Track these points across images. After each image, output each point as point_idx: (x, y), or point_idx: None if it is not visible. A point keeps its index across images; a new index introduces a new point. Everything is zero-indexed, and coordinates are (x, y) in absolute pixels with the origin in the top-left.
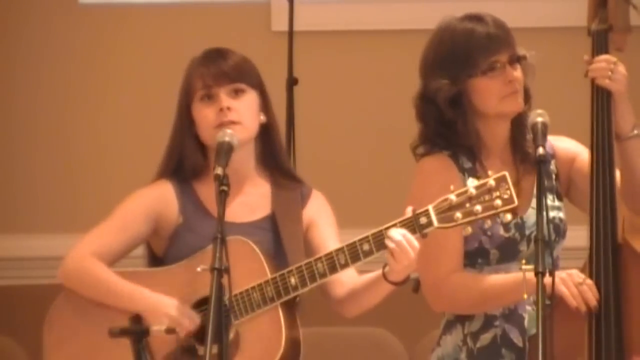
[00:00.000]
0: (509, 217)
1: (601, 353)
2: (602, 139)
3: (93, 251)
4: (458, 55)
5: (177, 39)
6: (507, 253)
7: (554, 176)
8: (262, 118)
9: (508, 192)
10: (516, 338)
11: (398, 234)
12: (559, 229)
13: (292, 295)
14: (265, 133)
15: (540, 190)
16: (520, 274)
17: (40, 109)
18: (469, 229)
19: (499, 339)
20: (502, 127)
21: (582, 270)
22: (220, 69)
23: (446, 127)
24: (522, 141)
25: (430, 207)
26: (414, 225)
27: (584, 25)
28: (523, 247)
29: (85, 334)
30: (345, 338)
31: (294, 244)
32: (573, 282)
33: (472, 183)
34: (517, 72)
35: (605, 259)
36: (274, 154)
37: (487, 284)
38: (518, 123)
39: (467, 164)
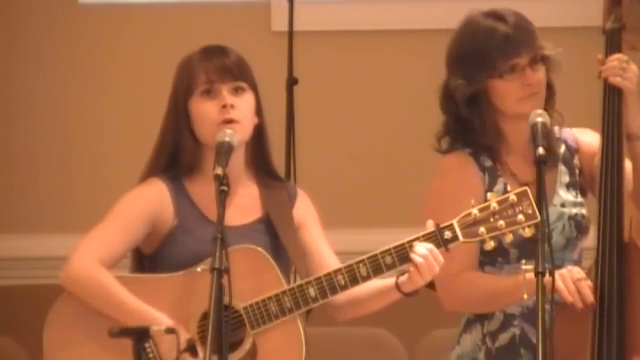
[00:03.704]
0: (528, 233)
1: (603, 352)
2: (612, 137)
3: (97, 257)
4: (476, 55)
5: (177, 39)
6: (527, 252)
7: (577, 171)
8: (256, 120)
9: (530, 207)
10: (534, 337)
11: (424, 249)
12: (581, 226)
13: (311, 306)
14: (257, 135)
15: (541, 190)
16: (526, 275)
17: (40, 109)
18: (492, 244)
19: (518, 338)
20: (523, 125)
21: (589, 270)
22: (224, 64)
23: (463, 124)
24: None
25: (455, 222)
26: (438, 239)
27: (594, 25)
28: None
29: (86, 340)
30: (345, 338)
31: (294, 247)
32: (572, 278)
33: (493, 197)
34: (538, 74)
35: (610, 257)
36: (263, 156)
37: (494, 284)
38: None
39: (488, 163)
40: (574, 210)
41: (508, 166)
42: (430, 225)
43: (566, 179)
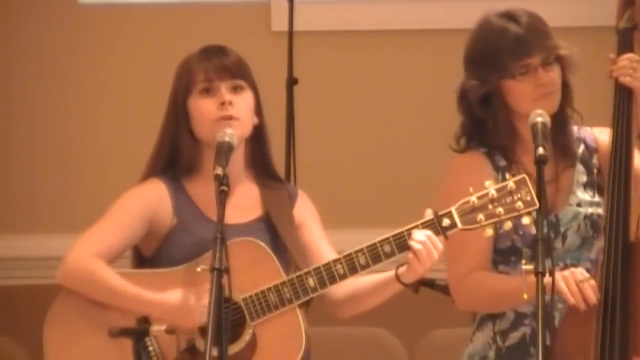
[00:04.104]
0: (526, 220)
1: (605, 351)
2: (621, 137)
3: (92, 252)
4: (488, 56)
5: (177, 39)
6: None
7: (595, 171)
8: (255, 120)
9: (529, 194)
10: (546, 337)
11: (422, 236)
12: (597, 225)
13: (311, 296)
14: (257, 135)
15: (540, 191)
16: (530, 276)
17: (40, 109)
18: (490, 231)
19: (528, 337)
20: None
21: (597, 270)
22: (222, 63)
23: (478, 124)
24: (563, 137)
25: (453, 209)
26: (436, 226)
27: (608, 24)
28: (558, 244)
29: (86, 336)
30: (345, 338)
31: (294, 245)
32: (575, 280)
33: (491, 185)
34: (551, 74)
35: (615, 257)
36: (263, 156)
37: (499, 284)
38: (558, 119)
39: (502, 162)
40: (590, 210)
41: (524, 166)
42: (428, 214)
43: (583, 178)
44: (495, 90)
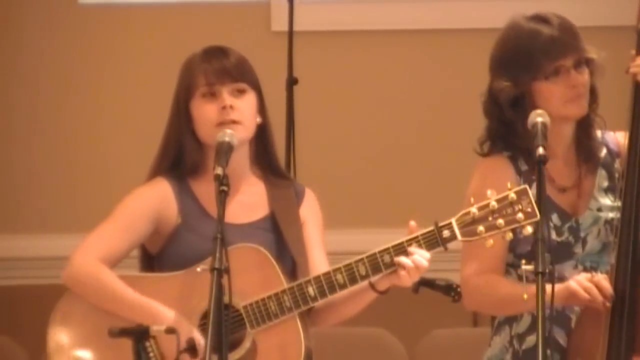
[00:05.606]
0: (529, 229)
1: (612, 352)
2: (636, 136)
3: (98, 255)
4: (521, 58)
5: (177, 39)
6: (560, 256)
7: (617, 175)
8: (259, 119)
9: (530, 205)
10: (562, 339)
11: (419, 257)
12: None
13: (310, 305)
14: (261, 134)
15: (540, 191)
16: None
17: (40, 109)
18: (491, 242)
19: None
20: (567, 128)
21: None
22: (223, 66)
23: (506, 127)
24: (587, 141)
25: (453, 221)
26: (437, 238)
27: (622, 24)
28: (578, 249)
29: (89, 337)
30: (345, 338)
31: (297, 245)
32: (585, 279)
33: (493, 195)
34: (583, 76)
35: (626, 257)
36: (268, 154)
37: (505, 289)
38: (583, 123)
39: (525, 167)
40: (611, 215)
41: (547, 171)
42: (412, 226)
43: (605, 183)
44: (526, 92)
